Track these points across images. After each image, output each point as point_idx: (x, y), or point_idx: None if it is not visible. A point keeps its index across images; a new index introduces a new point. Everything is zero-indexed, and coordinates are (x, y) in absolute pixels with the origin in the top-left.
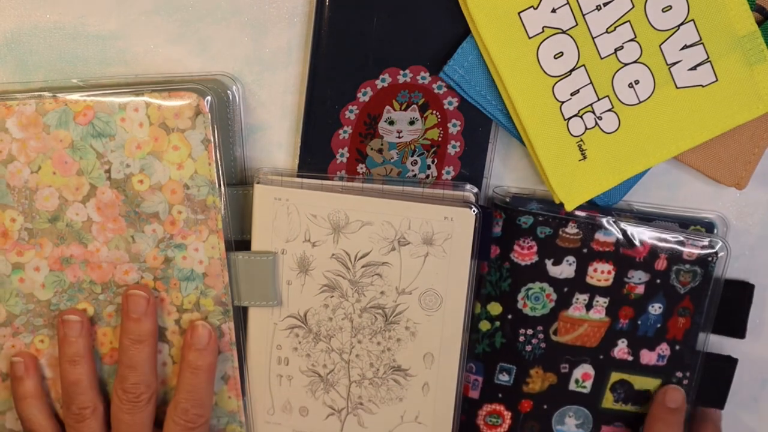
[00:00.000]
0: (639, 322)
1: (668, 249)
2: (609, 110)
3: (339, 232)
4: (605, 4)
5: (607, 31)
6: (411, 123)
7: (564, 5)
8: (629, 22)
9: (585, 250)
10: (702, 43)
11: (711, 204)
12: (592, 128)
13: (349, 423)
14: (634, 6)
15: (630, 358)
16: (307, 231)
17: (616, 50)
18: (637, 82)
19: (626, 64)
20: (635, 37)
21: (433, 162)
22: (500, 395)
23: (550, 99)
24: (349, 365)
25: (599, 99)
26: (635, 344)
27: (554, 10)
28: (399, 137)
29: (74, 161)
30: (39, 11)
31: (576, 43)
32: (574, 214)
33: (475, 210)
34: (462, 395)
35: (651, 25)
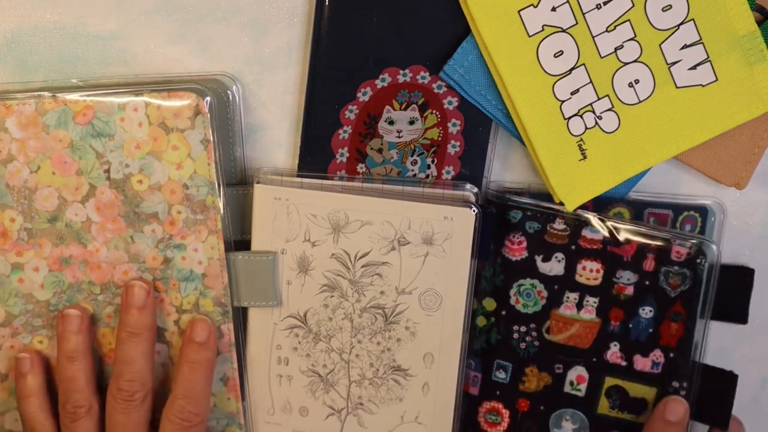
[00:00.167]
0: (630, 326)
1: (655, 247)
2: (609, 110)
3: (339, 232)
4: (605, 3)
5: (607, 30)
6: (411, 123)
7: (564, 4)
8: (629, 21)
9: (573, 247)
10: (702, 43)
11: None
12: (592, 128)
13: (349, 423)
14: (634, 5)
15: (624, 363)
16: (307, 231)
17: (616, 49)
18: (637, 82)
19: (626, 64)
20: (635, 37)
21: (433, 162)
22: (498, 392)
23: (550, 98)
24: (349, 365)
25: (599, 98)
26: (628, 349)
27: (554, 9)
28: (399, 137)
29: (73, 161)
30: (39, 11)
31: (576, 42)
32: (561, 210)
33: (475, 210)
34: (463, 392)
35: (651, 25)
